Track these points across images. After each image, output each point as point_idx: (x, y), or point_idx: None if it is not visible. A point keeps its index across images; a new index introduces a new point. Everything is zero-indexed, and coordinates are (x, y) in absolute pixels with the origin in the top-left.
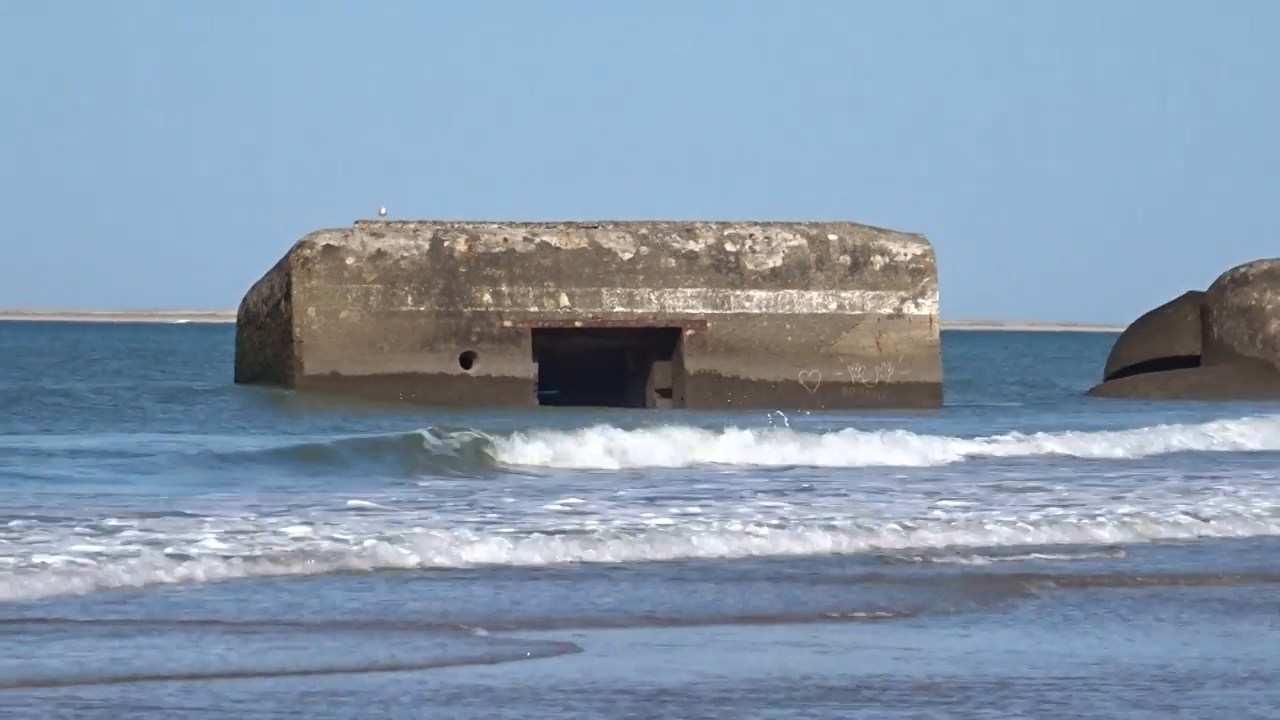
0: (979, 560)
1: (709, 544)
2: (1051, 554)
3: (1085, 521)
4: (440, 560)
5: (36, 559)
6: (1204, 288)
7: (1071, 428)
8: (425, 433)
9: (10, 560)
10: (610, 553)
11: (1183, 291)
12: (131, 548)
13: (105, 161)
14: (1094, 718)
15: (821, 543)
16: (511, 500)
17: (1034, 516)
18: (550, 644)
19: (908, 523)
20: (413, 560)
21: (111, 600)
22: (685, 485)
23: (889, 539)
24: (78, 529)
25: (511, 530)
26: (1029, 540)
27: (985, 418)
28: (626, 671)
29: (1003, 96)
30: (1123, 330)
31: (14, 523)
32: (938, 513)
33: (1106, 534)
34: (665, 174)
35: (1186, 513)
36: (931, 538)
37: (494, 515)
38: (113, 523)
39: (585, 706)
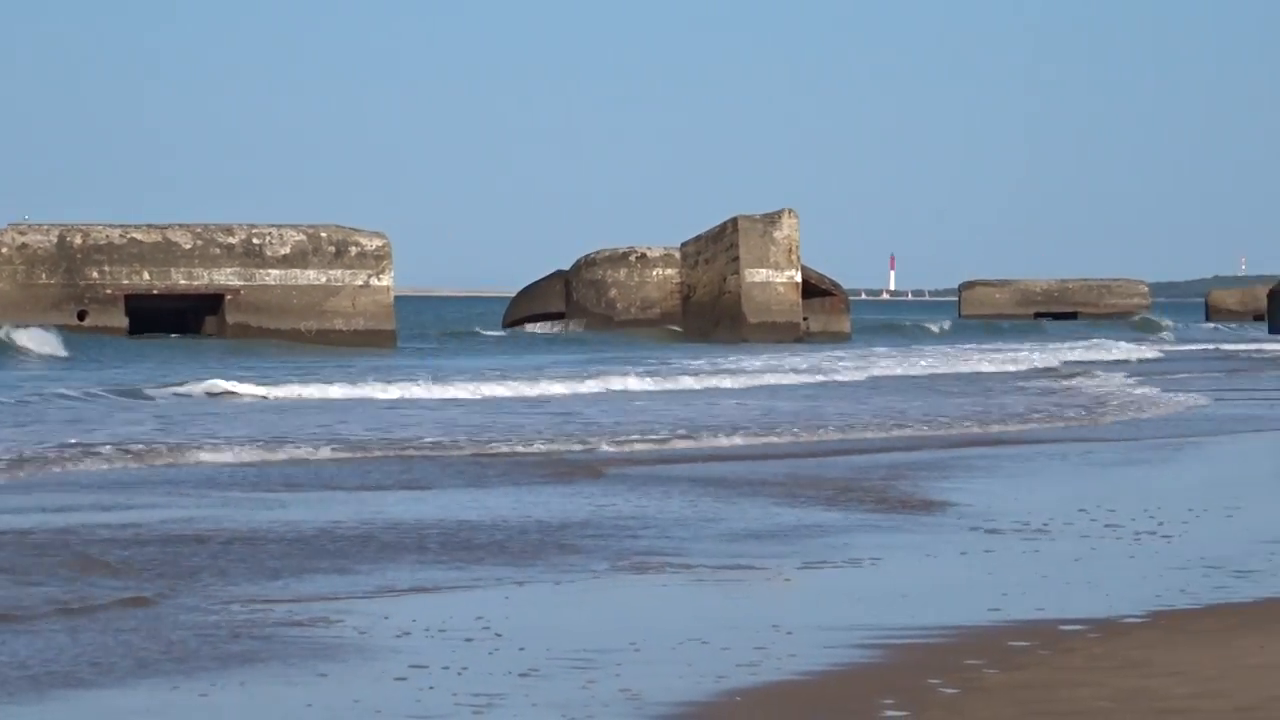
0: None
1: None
2: (621, 451)
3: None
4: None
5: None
6: (567, 266)
7: (495, 367)
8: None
9: None
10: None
11: (553, 269)
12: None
13: None
14: (616, 539)
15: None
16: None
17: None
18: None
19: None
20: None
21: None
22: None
23: (469, 448)
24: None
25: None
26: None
27: (437, 356)
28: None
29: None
30: (513, 294)
31: None
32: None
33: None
34: (214, 188)
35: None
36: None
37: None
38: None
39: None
